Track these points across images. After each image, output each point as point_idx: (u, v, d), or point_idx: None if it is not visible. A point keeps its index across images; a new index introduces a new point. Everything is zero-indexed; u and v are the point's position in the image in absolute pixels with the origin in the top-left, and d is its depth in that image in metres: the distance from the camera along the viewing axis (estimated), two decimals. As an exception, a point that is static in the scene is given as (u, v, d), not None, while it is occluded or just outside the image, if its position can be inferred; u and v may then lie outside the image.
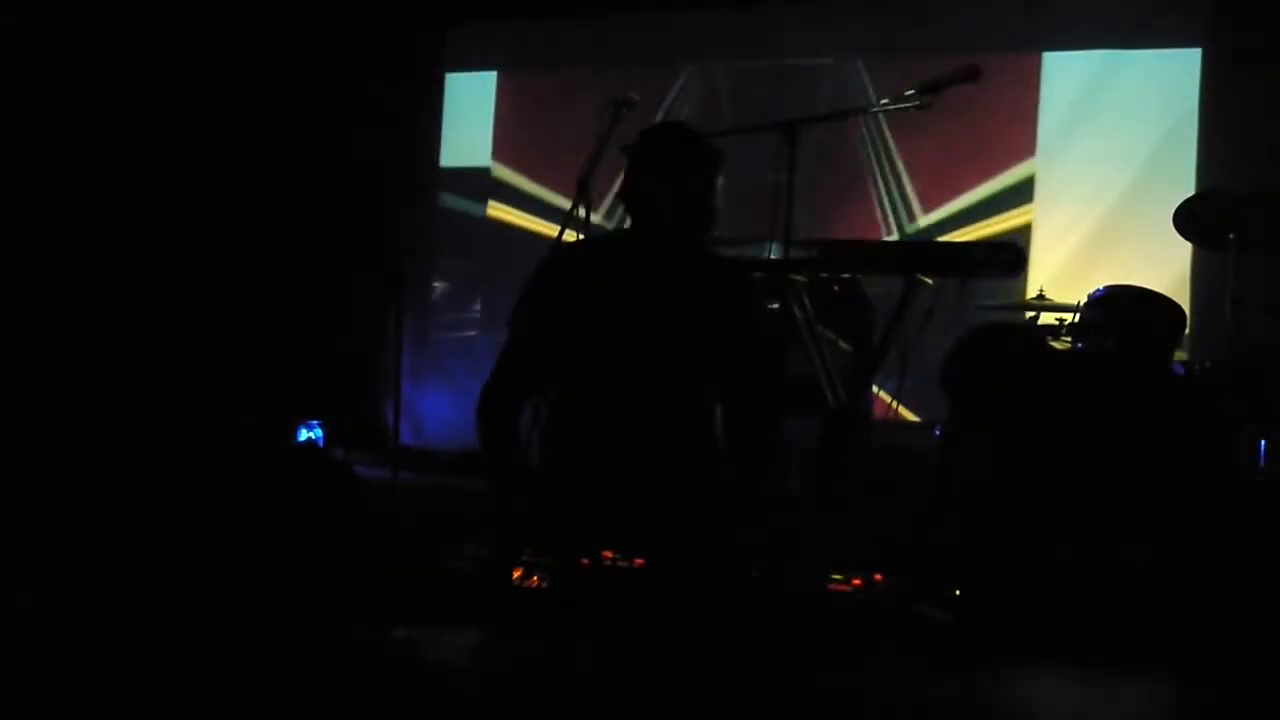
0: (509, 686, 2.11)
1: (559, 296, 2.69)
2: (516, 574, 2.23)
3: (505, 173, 7.04)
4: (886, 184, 6.25)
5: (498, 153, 7.06)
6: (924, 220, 6.18)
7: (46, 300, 5.17)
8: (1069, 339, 4.36)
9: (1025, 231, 5.98)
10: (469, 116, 7.11)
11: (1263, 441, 3.95)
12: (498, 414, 2.70)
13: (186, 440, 4.64)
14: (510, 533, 2.45)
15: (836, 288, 4.64)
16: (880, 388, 4.75)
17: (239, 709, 1.92)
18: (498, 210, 7.05)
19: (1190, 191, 5.16)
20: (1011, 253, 3.71)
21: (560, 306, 2.67)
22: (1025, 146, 6.04)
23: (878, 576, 2.15)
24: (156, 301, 5.68)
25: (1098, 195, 5.85)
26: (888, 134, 6.20)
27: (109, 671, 2.05)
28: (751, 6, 6.37)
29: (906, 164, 6.21)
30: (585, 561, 2.24)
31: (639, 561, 2.26)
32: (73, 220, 5.34)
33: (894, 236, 6.14)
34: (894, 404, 4.26)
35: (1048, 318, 4.61)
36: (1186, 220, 4.33)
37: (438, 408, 6.87)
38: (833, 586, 2.14)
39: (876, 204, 6.27)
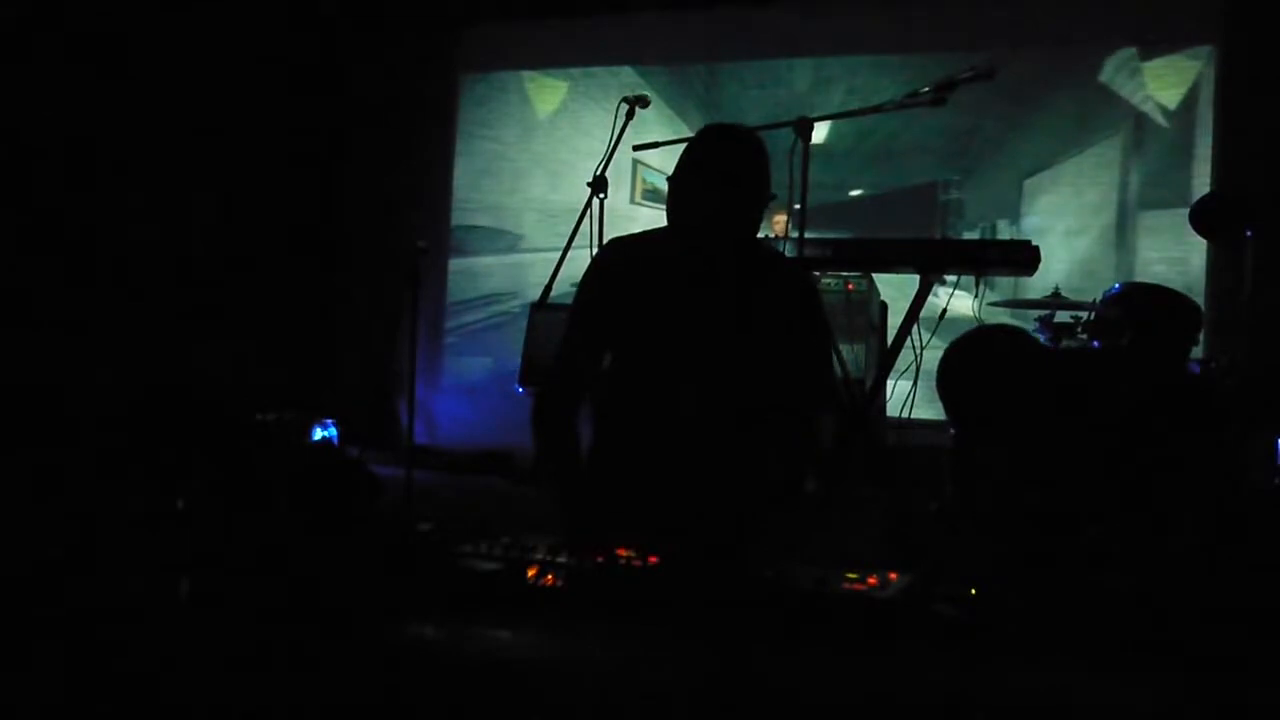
0: (519, 686, 2.11)
1: (611, 296, 2.66)
2: (531, 572, 2.22)
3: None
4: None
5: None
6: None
7: (70, 299, 5.19)
8: (1084, 336, 4.34)
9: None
10: (484, 116, 7.13)
11: (1279, 440, 3.93)
12: (560, 416, 2.66)
13: (200, 438, 4.65)
14: (571, 535, 2.43)
15: (850, 285, 4.64)
16: (894, 385, 4.74)
17: (247, 710, 1.92)
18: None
19: (1206, 189, 5.14)
20: (1027, 251, 3.69)
21: (613, 306, 2.64)
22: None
23: (893, 575, 2.15)
24: (167, 301, 5.70)
25: (1114, 192, 5.84)
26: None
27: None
28: (764, 6, 6.35)
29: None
30: (599, 558, 2.24)
31: (652, 559, 2.25)
32: (94, 216, 5.37)
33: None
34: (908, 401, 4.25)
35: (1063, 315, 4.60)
36: (1203, 218, 4.31)
37: (451, 407, 6.87)
38: (848, 585, 2.13)
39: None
